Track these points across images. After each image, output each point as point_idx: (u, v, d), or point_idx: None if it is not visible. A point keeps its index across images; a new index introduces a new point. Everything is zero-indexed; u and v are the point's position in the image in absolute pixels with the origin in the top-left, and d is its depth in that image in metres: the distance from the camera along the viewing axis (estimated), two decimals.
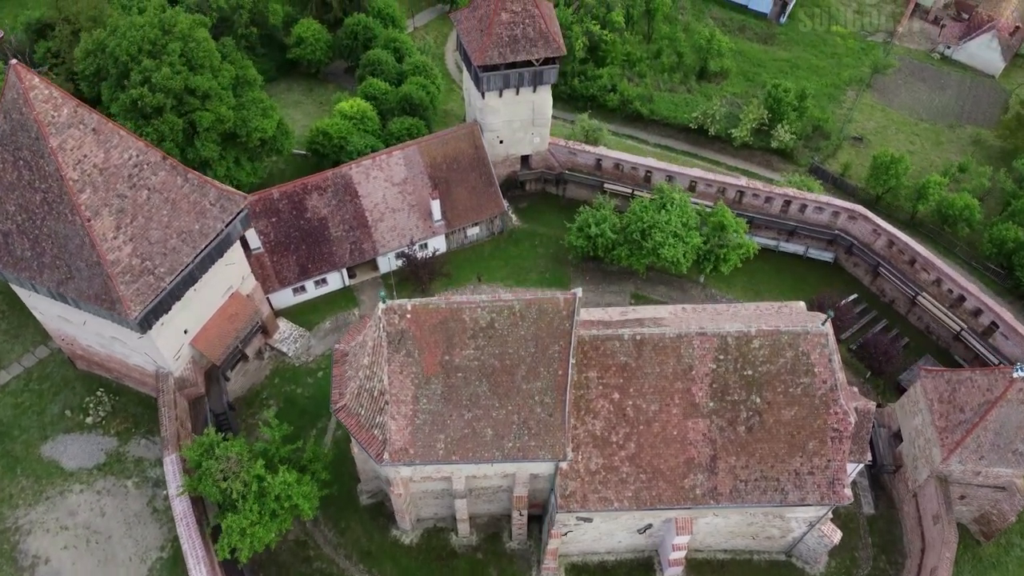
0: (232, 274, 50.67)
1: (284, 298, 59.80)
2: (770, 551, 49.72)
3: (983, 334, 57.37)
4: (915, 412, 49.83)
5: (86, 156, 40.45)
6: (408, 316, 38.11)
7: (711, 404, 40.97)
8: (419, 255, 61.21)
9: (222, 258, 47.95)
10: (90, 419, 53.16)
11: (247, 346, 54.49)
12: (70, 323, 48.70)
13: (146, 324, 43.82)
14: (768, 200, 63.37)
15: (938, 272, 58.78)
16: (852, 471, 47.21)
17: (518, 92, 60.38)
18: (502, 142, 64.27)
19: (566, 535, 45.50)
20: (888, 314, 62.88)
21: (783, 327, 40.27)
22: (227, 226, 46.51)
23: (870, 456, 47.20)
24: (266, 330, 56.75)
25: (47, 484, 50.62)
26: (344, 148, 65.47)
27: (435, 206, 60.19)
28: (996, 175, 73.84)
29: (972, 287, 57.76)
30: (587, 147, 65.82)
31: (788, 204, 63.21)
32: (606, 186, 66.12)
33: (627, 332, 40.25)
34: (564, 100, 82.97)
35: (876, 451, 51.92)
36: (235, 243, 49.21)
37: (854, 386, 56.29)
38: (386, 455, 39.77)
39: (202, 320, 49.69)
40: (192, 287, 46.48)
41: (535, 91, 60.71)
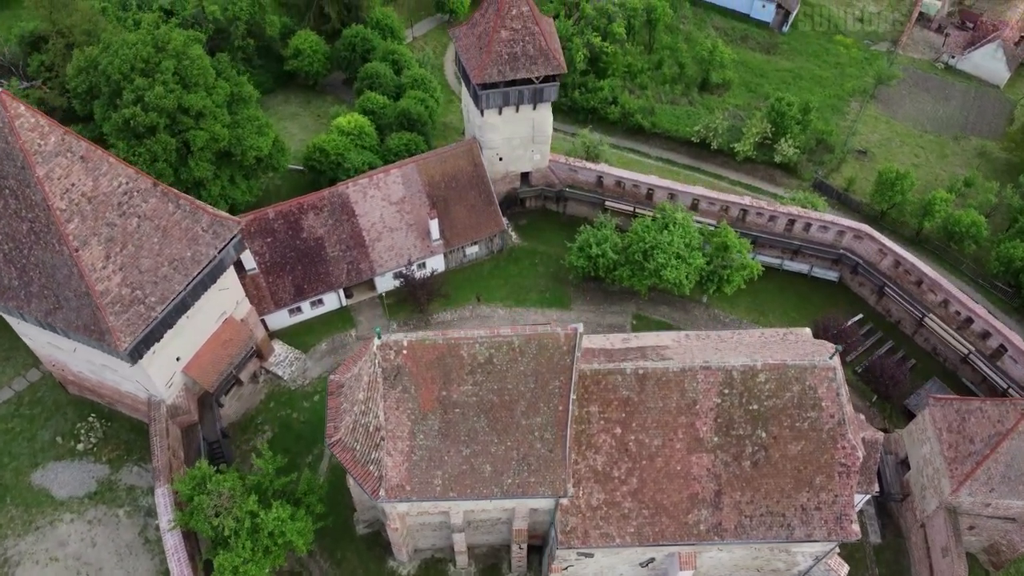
0: (226, 299, 49.62)
1: (280, 319, 58.76)
2: None
3: (991, 357, 56.34)
4: (923, 440, 48.78)
5: (74, 185, 39.41)
6: (404, 352, 37.06)
7: (715, 439, 39.91)
8: (417, 275, 60.20)
9: (215, 284, 46.89)
10: (81, 445, 52.13)
11: (241, 371, 53.44)
12: (60, 350, 47.66)
13: (136, 354, 42.75)
14: (772, 219, 62.32)
15: (945, 293, 57.71)
16: (859, 502, 46.21)
17: (518, 109, 59.35)
18: (501, 159, 63.23)
19: (567, 569, 44.49)
20: (894, 335, 61.82)
21: (790, 361, 39.21)
22: (220, 252, 45.46)
23: (878, 487, 46.29)
24: (261, 354, 55.69)
25: (37, 513, 49.58)
26: (341, 165, 64.44)
27: (433, 225, 59.15)
28: (1003, 191, 72.74)
29: (980, 309, 56.69)
30: (588, 164, 64.75)
31: (792, 223, 62.15)
32: (607, 204, 65.08)
33: (629, 366, 39.20)
34: (565, 112, 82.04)
35: (883, 479, 50.88)
36: (229, 268, 48.13)
37: (860, 412, 55.54)
38: (382, 492, 38.73)
39: (195, 347, 48.64)
40: (184, 314, 45.43)
41: (535, 108, 59.66)
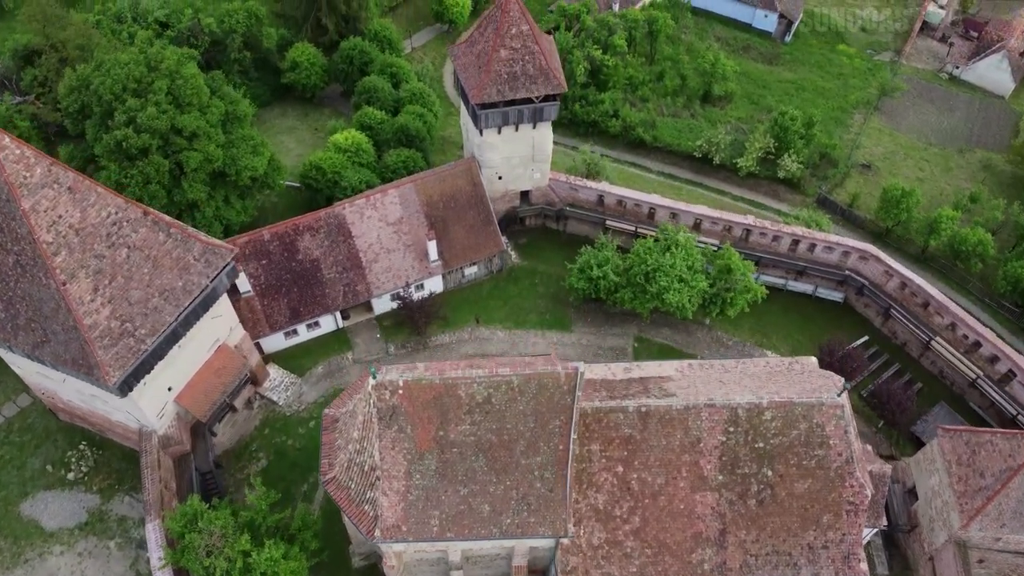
0: (219, 326, 48.56)
1: (275, 342, 57.71)
2: None
3: (1000, 382, 55.30)
4: (932, 471, 47.73)
5: (61, 216, 38.36)
6: (400, 392, 35.98)
7: (720, 477, 38.91)
8: (415, 296, 59.17)
9: (208, 312, 45.84)
10: (72, 474, 51.09)
11: (235, 398, 52.40)
12: (49, 379, 46.64)
13: (127, 387, 41.74)
14: (776, 239, 61.23)
15: (953, 316, 56.65)
16: (867, 535, 45.23)
17: (517, 129, 58.26)
18: (501, 178, 62.15)
19: None
20: (900, 357, 60.73)
21: (796, 398, 38.19)
22: (212, 281, 44.40)
23: (885, 521, 45.32)
24: (255, 380, 54.64)
25: (26, 545, 48.54)
26: (338, 183, 63.39)
27: (431, 246, 58.10)
28: (1010, 208, 71.64)
29: (988, 333, 55.64)
30: (589, 183, 63.64)
31: (796, 243, 61.09)
32: (608, 223, 63.99)
33: (632, 404, 38.18)
34: (565, 125, 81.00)
35: (891, 509, 49.83)
36: (222, 296, 47.10)
37: (866, 438, 54.59)
38: (377, 532, 37.72)
39: (187, 376, 47.58)
40: (176, 344, 44.40)
41: (535, 127, 58.56)
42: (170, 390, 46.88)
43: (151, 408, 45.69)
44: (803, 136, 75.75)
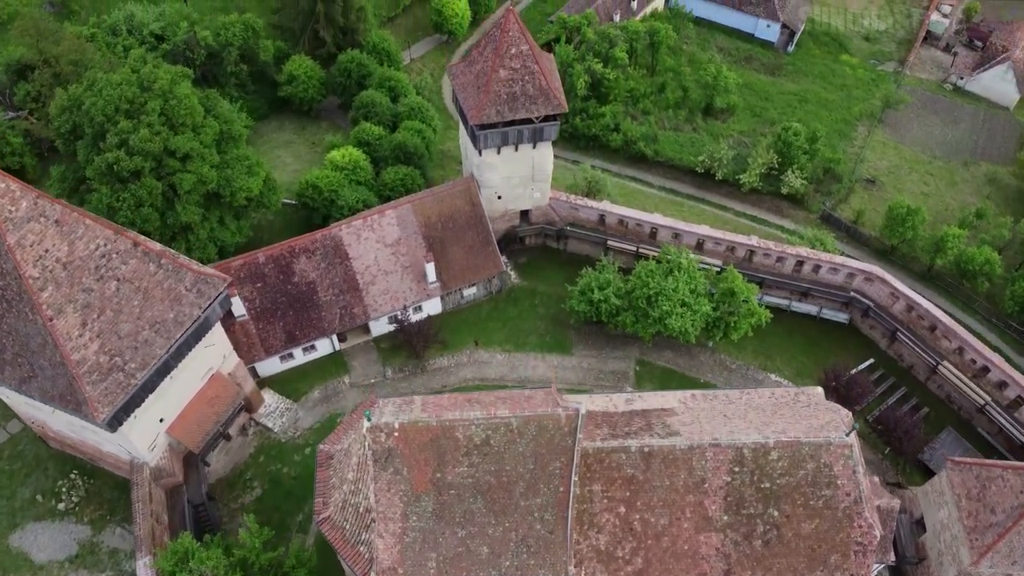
0: (212, 355, 47.55)
1: (270, 366, 56.68)
2: None
3: (1008, 408, 54.26)
4: (940, 504, 46.68)
5: (47, 251, 37.35)
6: (395, 434, 34.97)
7: (725, 518, 37.88)
8: (412, 319, 58.15)
9: (200, 343, 44.81)
10: (62, 505, 50.00)
11: (229, 427, 51.36)
12: (39, 410, 45.61)
13: (116, 423, 40.73)
14: (780, 260, 60.20)
15: (960, 341, 55.60)
16: (874, 571, 44.18)
17: (517, 149, 57.27)
18: (500, 198, 61.13)
19: None
20: (906, 380, 59.67)
21: (803, 438, 37.17)
22: (204, 311, 43.35)
23: (893, 556, 44.31)
24: (250, 406, 53.61)
25: None
26: (335, 202, 62.32)
27: (430, 268, 57.04)
28: (1017, 225, 70.59)
29: (997, 358, 54.55)
30: (590, 202, 62.59)
31: (801, 264, 60.04)
32: (610, 243, 62.93)
33: (634, 444, 37.14)
34: (566, 139, 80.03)
35: (898, 540, 48.76)
36: (215, 325, 46.08)
37: (872, 465, 53.61)
38: (373, 574, 36.71)
39: (179, 407, 46.55)
40: (167, 376, 43.36)
41: (535, 147, 57.59)
42: (162, 421, 45.88)
43: (142, 441, 44.66)
44: (807, 151, 74.70)
